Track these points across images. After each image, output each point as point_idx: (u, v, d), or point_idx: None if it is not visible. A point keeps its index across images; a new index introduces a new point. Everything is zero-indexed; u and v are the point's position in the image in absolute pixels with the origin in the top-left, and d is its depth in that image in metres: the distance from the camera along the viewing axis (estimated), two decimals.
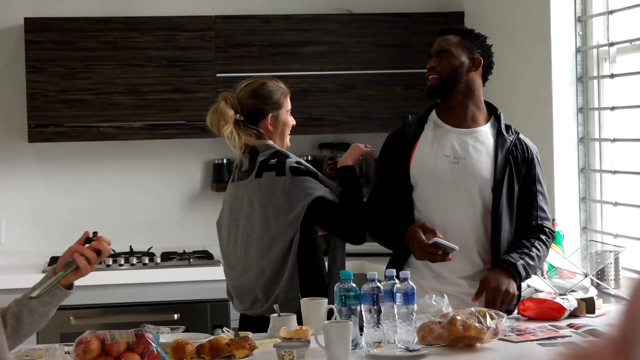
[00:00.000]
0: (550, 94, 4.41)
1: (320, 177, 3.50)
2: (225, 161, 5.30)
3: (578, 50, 4.40)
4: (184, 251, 5.18)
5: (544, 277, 3.72)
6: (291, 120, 3.62)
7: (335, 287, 3.00)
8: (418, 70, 4.56)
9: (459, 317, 2.93)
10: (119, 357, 2.69)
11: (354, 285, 2.98)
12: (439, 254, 3.28)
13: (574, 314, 3.39)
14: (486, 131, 3.48)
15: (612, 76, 4.25)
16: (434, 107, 3.53)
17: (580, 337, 3.09)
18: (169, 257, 5.06)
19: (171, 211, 5.39)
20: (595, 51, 4.36)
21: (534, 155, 3.49)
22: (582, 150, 4.40)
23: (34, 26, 5.00)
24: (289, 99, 3.60)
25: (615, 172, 4.23)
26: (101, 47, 5.03)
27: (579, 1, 4.39)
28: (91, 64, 5.02)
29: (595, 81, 4.36)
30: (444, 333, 2.95)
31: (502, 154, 3.42)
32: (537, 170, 3.48)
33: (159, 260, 5.00)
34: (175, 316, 4.73)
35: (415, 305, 2.97)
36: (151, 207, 5.36)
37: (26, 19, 5.01)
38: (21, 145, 5.15)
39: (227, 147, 3.65)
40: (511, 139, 3.47)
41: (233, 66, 5.11)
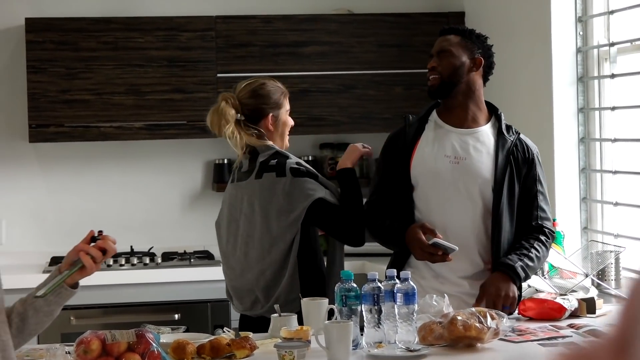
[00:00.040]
0: (550, 94, 4.40)
1: (320, 178, 3.50)
2: (225, 161, 5.30)
3: (579, 50, 4.40)
4: (185, 251, 5.18)
5: (545, 277, 3.72)
6: (290, 120, 3.62)
7: (336, 287, 3.00)
8: (418, 71, 4.56)
9: (459, 317, 2.93)
10: (120, 357, 2.69)
11: (354, 286, 2.98)
12: (439, 254, 3.28)
13: (574, 314, 3.39)
14: (487, 131, 3.48)
15: (612, 76, 4.25)
16: (434, 107, 3.53)
17: (581, 338, 3.08)
18: (169, 257, 5.06)
19: (172, 211, 5.39)
20: (595, 51, 4.36)
21: (534, 155, 3.49)
22: (582, 151, 4.40)
23: (34, 26, 5.00)
24: (287, 100, 3.61)
25: (615, 172, 4.23)
26: (102, 47, 5.03)
27: (579, 1, 4.39)
28: (92, 64, 5.02)
29: (596, 81, 4.36)
30: (444, 333, 2.94)
31: (502, 154, 3.42)
32: (538, 171, 3.48)
33: (159, 261, 5.00)
34: (176, 316, 4.73)
35: (416, 305, 2.97)
36: (152, 207, 5.36)
37: (27, 19, 5.01)
38: (22, 146, 5.15)
39: (227, 147, 3.64)
40: (512, 139, 3.46)
41: (234, 66, 5.11)
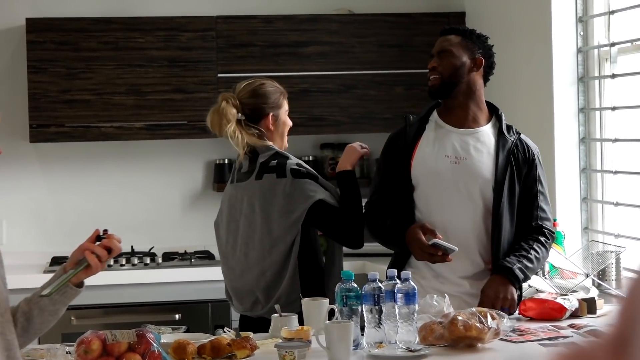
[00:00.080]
0: (551, 94, 4.40)
1: (320, 180, 3.50)
2: (226, 161, 5.30)
3: (579, 51, 4.40)
4: (185, 251, 5.18)
5: (545, 278, 3.72)
6: (289, 121, 3.62)
7: (337, 287, 3.00)
8: (419, 71, 4.56)
9: (460, 318, 2.93)
10: (120, 357, 2.69)
11: (355, 286, 2.98)
12: (439, 254, 3.28)
13: (575, 314, 3.39)
14: (487, 131, 3.48)
15: (613, 76, 4.25)
16: (435, 108, 3.53)
17: (582, 338, 3.08)
18: (170, 257, 5.06)
19: (172, 211, 5.39)
20: (596, 51, 4.36)
21: (535, 155, 3.49)
22: (583, 151, 4.40)
23: (35, 26, 5.00)
24: (286, 100, 3.61)
25: (616, 172, 4.23)
26: (102, 47, 5.03)
27: (580, 1, 4.39)
28: (92, 64, 5.02)
29: (597, 81, 4.36)
30: (445, 333, 2.94)
31: (503, 154, 3.42)
32: (538, 171, 3.48)
33: (160, 261, 5.00)
34: (177, 316, 4.73)
35: (417, 305, 2.97)
36: (152, 207, 5.36)
37: (28, 20, 5.01)
38: (22, 146, 5.15)
39: (228, 148, 3.64)
40: (512, 139, 3.46)
41: (234, 66, 5.11)
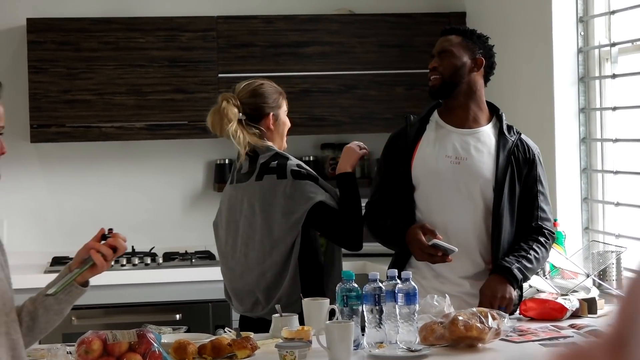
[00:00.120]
0: (552, 94, 4.40)
1: (320, 181, 3.50)
2: (227, 161, 5.30)
3: (580, 51, 4.40)
4: (186, 251, 5.18)
5: (546, 278, 3.72)
6: (288, 121, 3.63)
7: (337, 287, 3.00)
8: (420, 71, 4.56)
9: (460, 318, 2.93)
10: (121, 358, 2.69)
11: (355, 286, 2.98)
12: (439, 255, 3.28)
13: (575, 315, 3.39)
14: (488, 131, 3.48)
15: (613, 76, 4.25)
16: (435, 108, 3.53)
17: (582, 338, 3.08)
18: (171, 257, 5.06)
19: (173, 211, 5.39)
20: (597, 51, 4.36)
21: (535, 155, 3.49)
22: (584, 151, 4.40)
23: (36, 27, 5.00)
24: (285, 100, 3.62)
25: (617, 173, 4.23)
26: (103, 47, 5.03)
27: (580, 1, 4.39)
28: (93, 65, 5.02)
29: (597, 81, 4.36)
30: (445, 333, 2.94)
31: (503, 154, 3.42)
32: (539, 171, 3.48)
33: (161, 261, 5.00)
34: (177, 316, 4.73)
35: (417, 305, 2.97)
36: (153, 208, 5.36)
37: (28, 20, 5.01)
38: (23, 146, 5.15)
39: (228, 148, 3.65)
40: (513, 139, 3.46)
41: (235, 66, 5.11)
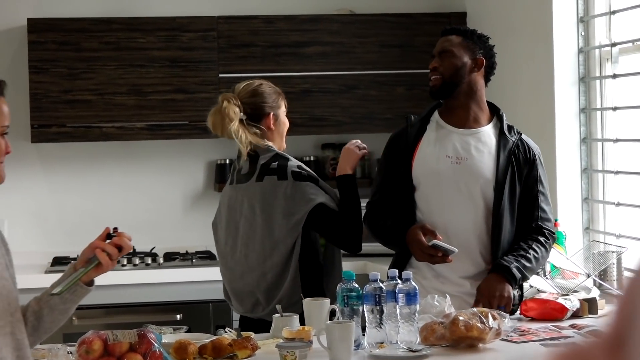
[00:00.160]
0: (552, 95, 4.40)
1: (320, 183, 3.51)
2: (227, 161, 5.29)
3: (580, 51, 4.40)
4: (187, 251, 5.18)
5: (547, 278, 3.72)
6: (287, 121, 3.64)
7: (338, 287, 3.00)
8: (420, 71, 4.56)
9: (461, 318, 2.93)
10: (122, 358, 2.70)
11: (356, 286, 2.98)
12: (439, 255, 3.28)
13: (576, 315, 3.39)
14: (488, 132, 3.48)
15: (614, 76, 4.25)
16: (436, 108, 3.53)
17: (583, 338, 3.08)
18: (171, 257, 5.06)
19: (174, 211, 5.39)
20: (597, 51, 4.36)
21: (536, 155, 3.49)
22: (584, 151, 4.40)
23: (36, 27, 5.00)
24: (284, 100, 3.62)
25: (617, 173, 4.23)
26: (104, 47, 5.03)
27: (581, 1, 4.39)
28: (94, 65, 5.02)
29: (598, 81, 4.36)
30: (446, 333, 2.95)
31: (504, 154, 3.42)
32: (539, 171, 3.48)
33: (161, 261, 5.00)
34: (178, 316, 4.73)
35: (418, 305, 2.97)
36: (154, 208, 5.36)
37: (29, 20, 5.01)
38: (24, 146, 5.15)
39: (229, 148, 3.64)
40: (513, 139, 3.46)
41: (235, 67, 5.11)
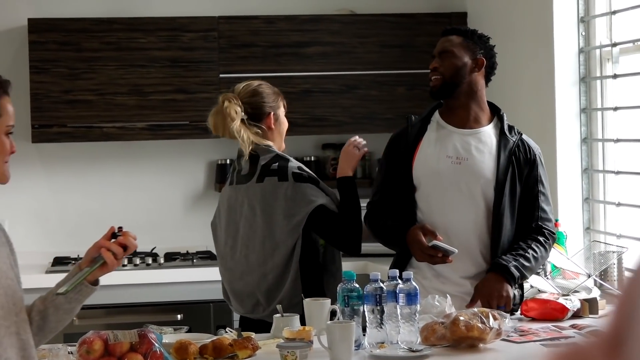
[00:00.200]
0: (553, 95, 4.40)
1: (321, 184, 3.51)
2: (228, 161, 5.29)
3: (581, 51, 4.40)
4: (187, 251, 5.18)
5: (547, 278, 3.72)
6: (286, 121, 3.64)
7: (339, 288, 3.00)
8: (421, 71, 4.56)
9: (462, 318, 2.93)
10: (122, 358, 2.70)
11: (357, 286, 2.98)
12: (439, 256, 3.28)
13: (577, 315, 3.39)
14: (489, 132, 3.48)
15: (615, 76, 4.25)
16: (437, 108, 3.53)
17: (583, 338, 3.08)
18: (172, 257, 5.06)
19: (174, 211, 5.39)
20: (598, 51, 4.36)
21: (536, 155, 3.48)
22: (585, 151, 4.40)
23: (37, 27, 5.00)
24: (283, 101, 3.62)
25: (618, 173, 4.23)
26: (104, 47, 5.03)
27: (581, 2, 4.39)
28: (94, 65, 5.02)
29: (598, 81, 4.36)
30: (446, 333, 2.95)
31: (504, 154, 3.42)
32: (540, 171, 3.48)
33: (162, 261, 5.00)
34: (179, 316, 4.73)
35: (418, 305, 2.97)
36: (154, 208, 5.36)
37: (30, 20, 5.01)
38: (24, 146, 5.15)
39: (230, 148, 3.64)
40: (514, 139, 3.46)
41: (236, 67, 5.11)
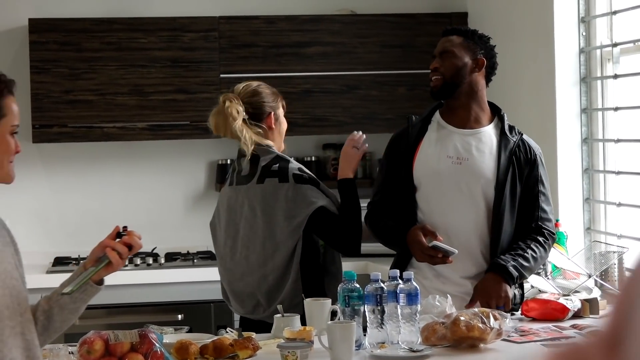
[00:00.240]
0: (553, 95, 4.41)
1: (321, 186, 3.51)
2: (228, 162, 5.29)
3: (581, 51, 4.40)
4: (188, 252, 5.18)
5: (548, 278, 3.71)
6: (285, 121, 3.64)
7: (339, 288, 3.00)
8: (421, 71, 4.56)
9: (462, 318, 2.93)
10: (123, 358, 2.70)
11: (357, 286, 2.98)
12: (439, 257, 3.28)
13: (577, 315, 3.39)
14: (489, 132, 3.48)
15: (615, 77, 4.25)
16: (437, 108, 3.53)
17: (583, 338, 3.08)
18: (172, 257, 5.06)
19: (175, 212, 5.39)
20: (598, 52, 4.36)
21: (537, 155, 3.48)
22: (585, 151, 4.40)
23: (38, 27, 5.00)
24: (282, 101, 3.63)
25: (618, 173, 4.23)
26: (105, 47, 5.03)
27: (582, 2, 4.39)
28: (95, 65, 5.02)
29: (599, 82, 4.36)
30: (447, 333, 2.95)
31: (505, 154, 3.42)
32: (540, 171, 3.48)
33: (162, 261, 5.00)
34: (179, 316, 4.73)
35: (419, 305, 2.97)
36: (155, 208, 5.36)
37: (30, 20, 5.01)
38: (25, 146, 5.09)
39: (230, 148, 3.64)
40: (514, 139, 3.46)
41: (237, 67, 5.11)
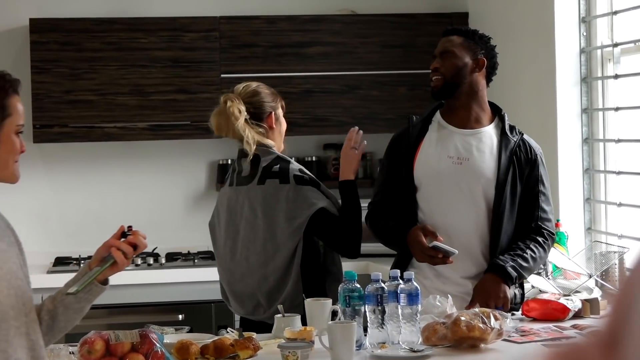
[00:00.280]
0: (554, 95, 4.41)
1: (322, 187, 3.51)
2: (229, 162, 5.29)
3: (582, 51, 4.40)
4: (189, 252, 5.18)
5: (548, 278, 3.72)
6: (285, 122, 3.64)
7: (340, 288, 3.01)
8: (422, 71, 4.56)
9: (463, 318, 2.93)
10: (124, 358, 2.70)
11: (358, 286, 2.98)
12: (439, 257, 3.28)
13: (578, 315, 3.38)
14: (490, 132, 3.48)
15: (616, 77, 4.25)
16: (438, 108, 3.53)
17: (582, 338, 3.08)
18: (173, 257, 5.06)
19: (175, 212, 5.39)
20: (599, 52, 4.36)
21: (537, 155, 3.49)
22: (586, 151, 4.40)
23: (38, 27, 5.00)
24: (281, 101, 3.63)
25: (619, 173, 4.23)
26: (106, 47, 5.03)
27: (583, 2, 4.39)
28: (96, 65, 5.02)
29: (600, 82, 4.36)
30: (448, 334, 2.95)
31: (505, 154, 3.42)
32: (541, 171, 3.48)
33: (163, 261, 5.00)
34: (180, 317, 4.73)
35: (419, 305, 2.97)
36: (155, 208, 5.37)
37: (31, 20, 5.02)
38: (26, 146, 5.15)
39: (231, 148, 3.64)
40: (515, 139, 3.46)
41: (237, 67, 5.11)
